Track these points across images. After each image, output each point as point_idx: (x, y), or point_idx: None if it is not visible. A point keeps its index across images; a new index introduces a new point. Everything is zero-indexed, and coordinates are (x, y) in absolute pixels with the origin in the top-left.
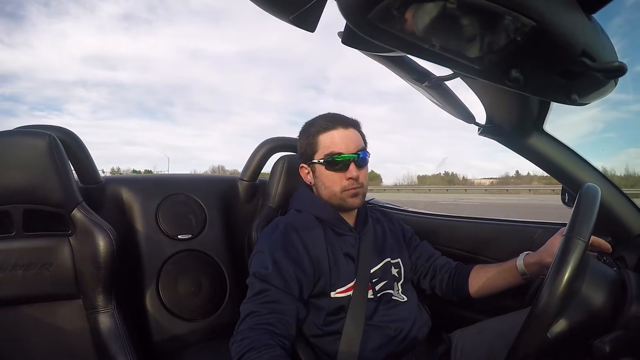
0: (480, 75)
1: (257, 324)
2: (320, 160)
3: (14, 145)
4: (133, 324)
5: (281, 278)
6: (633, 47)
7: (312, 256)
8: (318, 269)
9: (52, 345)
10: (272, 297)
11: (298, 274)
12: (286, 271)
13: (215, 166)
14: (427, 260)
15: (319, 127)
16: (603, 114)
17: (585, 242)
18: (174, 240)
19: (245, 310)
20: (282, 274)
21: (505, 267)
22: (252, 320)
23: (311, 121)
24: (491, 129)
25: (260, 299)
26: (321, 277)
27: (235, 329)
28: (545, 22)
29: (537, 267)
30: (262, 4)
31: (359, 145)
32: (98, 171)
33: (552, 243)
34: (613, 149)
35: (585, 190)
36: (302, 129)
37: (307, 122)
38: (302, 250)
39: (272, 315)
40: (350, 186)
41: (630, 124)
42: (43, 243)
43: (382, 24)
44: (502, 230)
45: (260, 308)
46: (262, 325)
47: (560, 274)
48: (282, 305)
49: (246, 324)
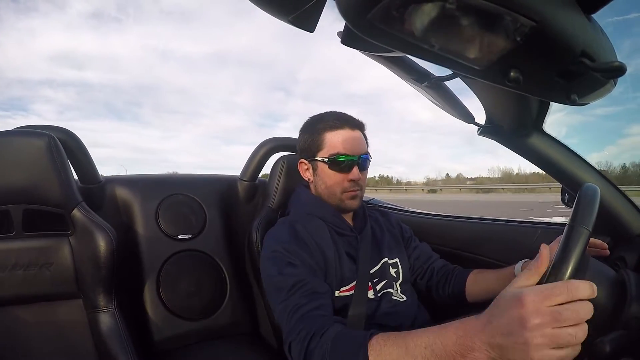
0: (479, 76)
1: (305, 314)
2: (325, 158)
3: (13, 145)
4: (133, 324)
5: (307, 267)
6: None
7: (322, 253)
8: (326, 266)
9: (52, 345)
10: (307, 286)
11: (319, 262)
12: (307, 261)
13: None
14: (425, 262)
15: (326, 125)
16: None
17: (589, 231)
18: (174, 240)
19: (286, 309)
20: (306, 263)
21: (503, 274)
22: (298, 313)
23: (318, 117)
24: (491, 129)
25: (296, 293)
26: (328, 275)
27: (285, 332)
28: (545, 22)
29: None
30: (262, 4)
31: (364, 148)
32: (98, 171)
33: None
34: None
35: (585, 188)
36: (307, 124)
37: (313, 118)
38: (314, 246)
39: (315, 302)
40: (350, 188)
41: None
42: (43, 243)
43: (382, 24)
44: (502, 230)
45: (300, 299)
46: (311, 313)
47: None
48: (320, 290)
49: (295, 318)
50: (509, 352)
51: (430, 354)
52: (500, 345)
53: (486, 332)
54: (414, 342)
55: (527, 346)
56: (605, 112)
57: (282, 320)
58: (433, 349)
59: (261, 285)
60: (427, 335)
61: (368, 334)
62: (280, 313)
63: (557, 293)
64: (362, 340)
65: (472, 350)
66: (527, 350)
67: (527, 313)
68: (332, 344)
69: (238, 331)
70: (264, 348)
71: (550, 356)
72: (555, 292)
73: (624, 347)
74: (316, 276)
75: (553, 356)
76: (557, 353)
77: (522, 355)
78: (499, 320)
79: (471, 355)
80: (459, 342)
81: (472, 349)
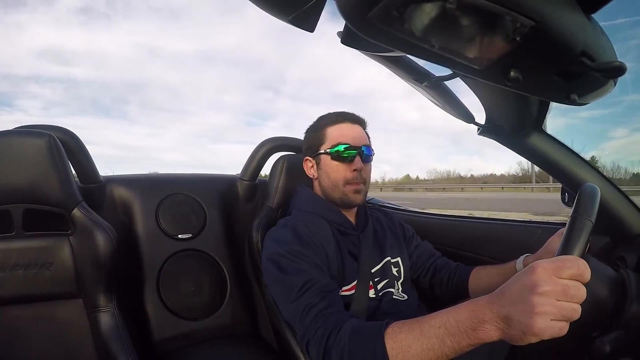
0: (479, 75)
1: (319, 313)
2: (327, 150)
3: (13, 145)
4: (134, 323)
5: (314, 266)
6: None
7: (324, 251)
8: (329, 264)
9: (52, 345)
10: (316, 285)
11: (323, 260)
12: (313, 259)
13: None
14: (428, 259)
15: (328, 121)
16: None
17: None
18: (174, 240)
19: (299, 309)
20: (312, 262)
21: (505, 269)
22: (312, 312)
23: (320, 117)
24: (491, 129)
25: (307, 292)
26: (331, 273)
27: (300, 332)
28: (545, 22)
29: None
30: (261, 4)
31: (365, 141)
32: (98, 171)
33: (551, 243)
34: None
35: (585, 187)
36: (310, 125)
37: (316, 120)
38: (317, 245)
39: (327, 300)
40: (353, 180)
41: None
42: (43, 243)
43: (382, 24)
44: (502, 230)
45: (312, 299)
46: (324, 311)
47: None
48: (329, 287)
49: (309, 318)
50: (513, 323)
51: (444, 332)
52: (507, 316)
53: (497, 302)
54: (428, 324)
55: (533, 311)
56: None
57: (294, 320)
58: (447, 327)
59: (262, 285)
60: (440, 316)
61: (383, 324)
62: (292, 313)
63: (568, 266)
64: (378, 330)
65: (483, 322)
66: (532, 315)
67: (539, 280)
68: (350, 338)
69: (238, 331)
70: (264, 348)
71: (551, 327)
72: (567, 265)
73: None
74: (323, 274)
75: (553, 327)
76: (556, 325)
77: (525, 321)
78: (510, 288)
79: (482, 327)
80: (471, 316)
81: (483, 320)
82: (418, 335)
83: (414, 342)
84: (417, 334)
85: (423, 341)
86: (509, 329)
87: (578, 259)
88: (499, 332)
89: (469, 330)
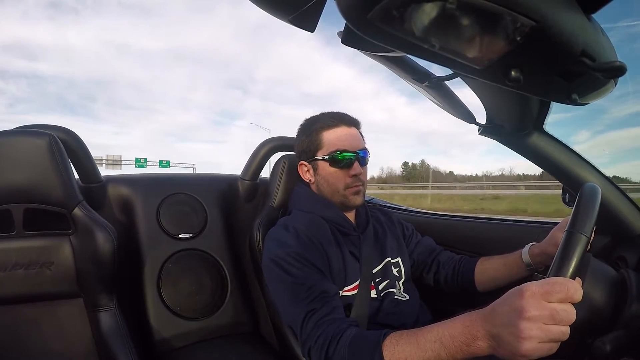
0: (480, 75)
1: (320, 320)
2: (325, 157)
3: (14, 145)
4: (134, 323)
5: (314, 269)
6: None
7: (325, 252)
8: (330, 265)
9: (53, 344)
10: (317, 290)
11: (323, 262)
12: (314, 262)
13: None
14: (430, 254)
15: (323, 124)
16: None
17: (588, 238)
18: (175, 240)
19: (300, 315)
20: (312, 266)
21: (510, 259)
22: (313, 319)
23: (313, 118)
24: (491, 129)
25: (308, 297)
26: (332, 274)
27: (302, 337)
28: (545, 22)
29: (542, 257)
30: (261, 3)
31: (361, 144)
32: (99, 170)
33: (554, 234)
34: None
35: (585, 188)
36: (303, 126)
37: (308, 119)
38: (317, 246)
39: (328, 306)
40: (353, 183)
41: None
42: (44, 242)
43: (382, 24)
44: (502, 230)
45: (314, 304)
46: (325, 318)
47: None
48: (330, 292)
49: (310, 324)
50: (502, 343)
51: (440, 346)
52: (497, 336)
53: (488, 320)
54: (425, 337)
55: (520, 336)
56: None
57: (295, 325)
58: (442, 341)
59: (262, 285)
60: (436, 329)
61: (382, 335)
62: (293, 317)
63: (557, 290)
64: (376, 341)
65: (476, 339)
66: (519, 339)
67: (527, 305)
68: (349, 348)
69: (239, 331)
70: (264, 347)
71: (538, 349)
72: (556, 289)
73: (624, 346)
74: (324, 277)
75: (541, 349)
76: (544, 346)
77: (513, 344)
78: (501, 309)
79: (475, 344)
80: (465, 332)
81: (476, 337)
82: (415, 348)
83: (410, 355)
84: (414, 347)
85: (420, 354)
86: (499, 347)
87: (568, 281)
88: (490, 349)
89: (462, 346)
